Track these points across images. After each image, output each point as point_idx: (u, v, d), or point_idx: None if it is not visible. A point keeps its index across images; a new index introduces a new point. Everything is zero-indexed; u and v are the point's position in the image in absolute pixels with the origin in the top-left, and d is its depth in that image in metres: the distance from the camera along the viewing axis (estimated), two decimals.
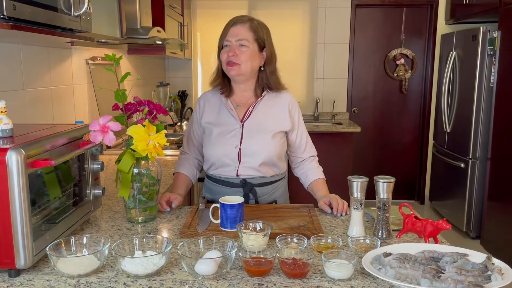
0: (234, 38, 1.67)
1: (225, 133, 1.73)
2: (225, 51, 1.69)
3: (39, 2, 1.35)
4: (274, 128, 1.74)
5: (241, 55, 1.67)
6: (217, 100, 1.80)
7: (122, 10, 2.47)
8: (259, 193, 1.75)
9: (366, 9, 4.79)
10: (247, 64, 1.68)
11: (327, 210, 1.63)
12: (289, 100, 1.80)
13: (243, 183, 1.73)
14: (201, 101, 1.83)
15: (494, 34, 3.71)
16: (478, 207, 3.96)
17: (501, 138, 3.59)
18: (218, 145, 1.72)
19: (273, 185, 1.79)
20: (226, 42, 1.69)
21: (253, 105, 1.75)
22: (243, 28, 1.68)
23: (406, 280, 1.02)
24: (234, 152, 1.71)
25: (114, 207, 1.68)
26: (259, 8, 4.70)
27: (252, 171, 1.73)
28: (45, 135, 1.21)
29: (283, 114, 1.77)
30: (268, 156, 1.72)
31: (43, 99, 2.15)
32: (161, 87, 4.04)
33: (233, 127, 1.73)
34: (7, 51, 1.86)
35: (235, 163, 1.72)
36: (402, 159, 5.03)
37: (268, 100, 1.77)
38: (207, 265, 1.09)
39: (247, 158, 1.71)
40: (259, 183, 1.75)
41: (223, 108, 1.77)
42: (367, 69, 4.89)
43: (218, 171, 1.76)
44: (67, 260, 1.12)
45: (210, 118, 1.77)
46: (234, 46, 1.67)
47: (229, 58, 1.67)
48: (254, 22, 1.71)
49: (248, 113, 1.75)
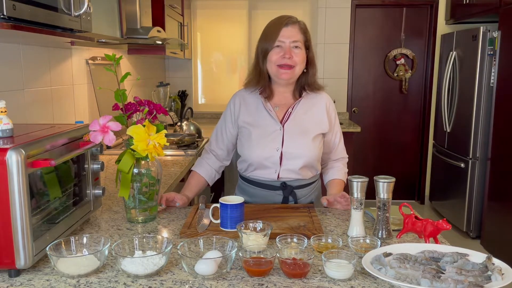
0: (288, 39, 1.62)
1: (265, 135, 1.69)
2: (277, 53, 1.63)
3: (39, 2, 1.35)
4: (314, 130, 1.71)
5: (296, 57, 1.62)
6: (254, 100, 1.74)
7: (122, 10, 2.47)
8: (298, 195, 1.74)
9: (366, 9, 4.79)
10: (300, 67, 1.65)
11: (324, 202, 1.64)
12: (326, 100, 1.77)
13: (283, 186, 1.71)
14: (236, 100, 1.77)
15: (494, 34, 3.71)
16: (478, 207, 3.96)
17: (501, 138, 3.59)
18: (258, 147, 1.68)
19: (311, 186, 1.78)
20: (279, 43, 1.62)
21: (293, 107, 1.71)
22: (295, 30, 1.64)
23: (406, 280, 1.02)
24: (276, 155, 1.67)
25: (114, 207, 1.68)
26: (259, 8, 4.69)
27: (293, 174, 1.70)
28: (45, 135, 1.21)
29: (321, 115, 1.74)
30: (309, 159, 1.69)
31: (43, 99, 2.15)
32: (161, 87, 4.04)
33: (273, 129, 1.69)
34: (7, 51, 1.86)
35: (276, 166, 1.69)
36: (402, 159, 5.03)
37: (306, 101, 1.74)
38: (207, 265, 1.09)
39: (288, 161, 1.68)
40: (298, 185, 1.73)
41: (261, 108, 1.72)
42: (367, 69, 4.89)
43: (256, 173, 1.73)
44: (67, 260, 1.12)
45: (248, 118, 1.73)
46: (288, 48, 1.62)
47: (284, 61, 1.62)
48: (302, 23, 1.68)
49: (288, 114, 1.71)
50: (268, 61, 1.66)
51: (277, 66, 1.63)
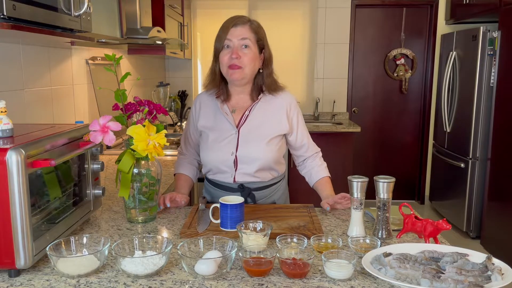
0: (236, 38, 1.60)
1: (220, 139, 1.69)
2: (226, 53, 1.61)
3: (39, 2, 1.35)
4: (270, 132, 1.69)
5: (244, 57, 1.60)
6: (212, 103, 1.74)
7: (122, 10, 2.47)
8: (257, 196, 1.74)
9: (366, 9, 4.79)
10: (250, 67, 1.63)
11: (326, 207, 1.63)
12: (287, 101, 1.74)
13: (241, 188, 1.72)
14: (196, 103, 1.78)
15: (494, 34, 3.71)
16: (478, 207, 3.96)
17: (501, 138, 3.59)
18: (214, 151, 1.69)
19: (271, 188, 1.77)
20: (227, 42, 1.61)
21: (249, 109, 1.70)
22: (243, 29, 1.62)
23: (406, 280, 1.02)
24: (230, 159, 1.68)
25: (114, 207, 1.68)
26: (259, 8, 4.69)
27: (248, 177, 1.70)
28: (45, 135, 1.21)
29: (280, 117, 1.72)
30: (264, 163, 1.68)
31: (43, 99, 2.15)
32: (161, 87, 4.04)
33: (229, 133, 1.68)
34: (7, 51, 1.86)
35: (231, 170, 1.69)
36: (402, 159, 5.03)
37: (264, 103, 1.72)
38: (207, 265, 1.09)
39: (243, 165, 1.68)
40: (257, 187, 1.73)
41: (219, 112, 1.71)
42: (367, 69, 4.89)
43: (215, 176, 1.75)
44: (67, 260, 1.12)
45: (206, 122, 1.73)
46: (236, 47, 1.60)
47: (232, 61, 1.60)
48: (254, 23, 1.66)
49: (244, 117, 1.70)
50: (220, 63, 1.65)
51: (227, 67, 1.62)
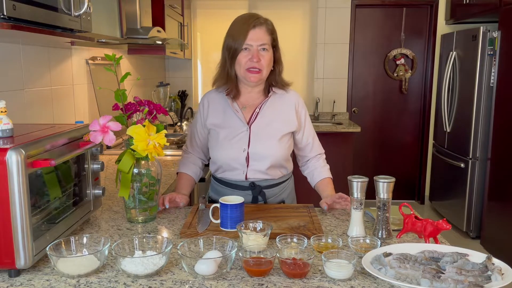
0: (255, 42, 1.61)
1: (231, 136, 1.69)
2: (246, 56, 1.62)
3: (39, 2, 1.35)
4: (281, 130, 1.71)
5: (263, 60, 1.62)
6: (221, 100, 1.74)
7: (122, 10, 2.47)
8: (267, 195, 1.74)
9: (366, 9, 4.79)
10: (268, 68, 1.65)
11: (324, 206, 1.64)
12: (296, 99, 1.77)
13: (252, 186, 1.71)
14: (204, 102, 1.77)
15: (494, 34, 3.71)
16: (478, 207, 3.96)
17: (501, 138, 3.59)
18: (225, 148, 1.69)
19: (281, 185, 1.78)
20: (247, 46, 1.61)
21: (260, 106, 1.71)
22: (262, 32, 1.63)
23: (406, 280, 1.02)
24: (242, 156, 1.68)
25: (114, 207, 1.68)
26: (259, 8, 4.69)
27: (260, 175, 1.71)
28: (45, 135, 1.21)
29: (290, 114, 1.74)
30: (275, 160, 1.70)
31: (43, 99, 2.15)
32: (161, 87, 4.04)
33: (240, 130, 1.69)
34: (7, 51, 1.86)
35: (243, 167, 1.69)
36: (402, 159, 5.03)
37: (274, 100, 1.73)
38: (207, 265, 1.09)
39: (255, 162, 1.69)
40: (267, 185, 1.73)
41: (229, 109, 1.71)
42: (367, 69, 4.89)
43: (225, 174, 1.74)
44: (67, 260, 1.12)
45: (216, 120, 1.73)
46: (255, 51, 1.61)
47: (252, 64, 1.61)
48: (269, 23, 1.67)
49: (255, 114, 1.71)
50: (237, 64, 1.65)
51: (246, 70, 1.63)
